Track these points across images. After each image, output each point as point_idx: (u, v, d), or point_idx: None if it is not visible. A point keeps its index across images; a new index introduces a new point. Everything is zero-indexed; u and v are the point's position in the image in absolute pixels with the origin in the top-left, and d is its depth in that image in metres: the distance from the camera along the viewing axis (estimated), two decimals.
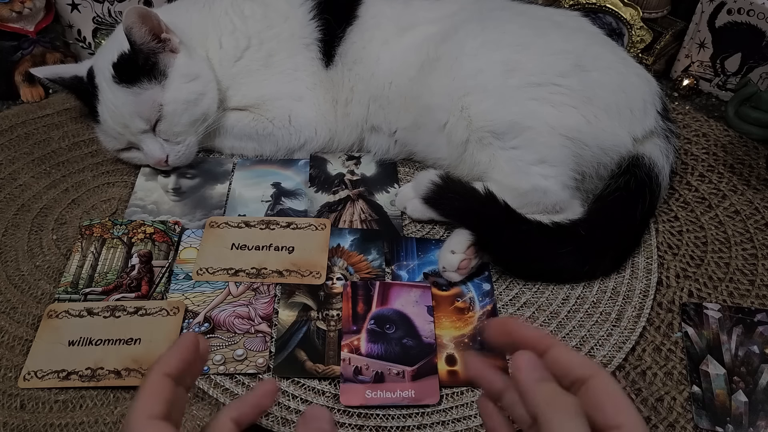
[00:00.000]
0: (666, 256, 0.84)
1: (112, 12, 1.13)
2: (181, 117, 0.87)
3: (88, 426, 0.65)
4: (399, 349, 0.70)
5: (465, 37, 0.85)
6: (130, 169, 0.96)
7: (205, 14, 0.95)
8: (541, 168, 0.80)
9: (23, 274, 0.81)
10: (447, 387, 0.68)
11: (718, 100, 1.12)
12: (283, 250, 0.82)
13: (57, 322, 0.73)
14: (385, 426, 0.65)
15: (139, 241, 0.83)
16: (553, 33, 0.86)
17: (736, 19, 1.05)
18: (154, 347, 0.71)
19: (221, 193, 0.92)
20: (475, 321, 0.74)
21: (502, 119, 0.80)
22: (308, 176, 0.94)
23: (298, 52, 0.94)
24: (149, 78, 0.85)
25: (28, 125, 1.04)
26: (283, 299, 0.76)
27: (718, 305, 0.77)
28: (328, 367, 0.69)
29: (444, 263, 0.77)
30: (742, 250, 0.84)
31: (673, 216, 0.89)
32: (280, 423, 0.65)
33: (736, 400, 0.68)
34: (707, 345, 0.73)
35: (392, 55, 0.91)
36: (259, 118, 0.95)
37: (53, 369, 0.69)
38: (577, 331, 0.74)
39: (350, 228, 0.86)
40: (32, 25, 1.04)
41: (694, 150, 1.00)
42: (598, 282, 0.80)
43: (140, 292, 0.77)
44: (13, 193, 0.92)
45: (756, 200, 0.91)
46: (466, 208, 0.78)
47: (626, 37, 1.12)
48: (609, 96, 0.81)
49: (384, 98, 0.92)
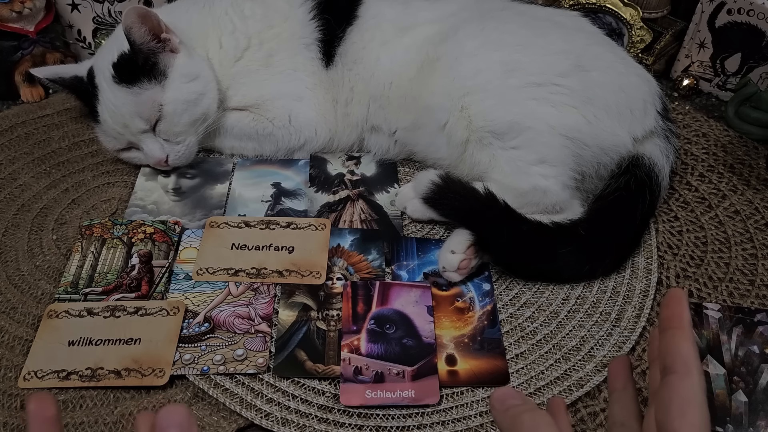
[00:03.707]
0: (666, 256, 0.84)
1: (112, 12, 1.13)
2: (181, 117, 0.87)
3: (88, 426, 0.65)
4: (399, 349, 0.70)
5: (465, 37, 0.85)
6: (130, 169, 0.96)
7: (205, 14, 0.95)
8: (541, 168, 0.80)
9: (23, 274, 0.81)
10: (447, 387, 0.68)
11: (718, 100, 1.12)
12: (283, 250, 0.82)
13: (57, 322, 0.73)
14: (385, 426, 0.65)
15: (139, 241, 0.83)
16: (553, 33, 0.86)
17: (736, 19, 1.05)
18: (154, 347, 0.71)
19: (221, 193, 0.92)
20: (475, 321, 0.74)
21: (502, 119, 0.80)
22: (308, 176, 0.94)
23: (298, 52, 0.94)
24: (149, 78, 0.85)
25: (28, 125, 1.04)
26: (283, 299, 0.76)
27: (718, 305, 0.76)
28: (328, 367, 0.69)
29: (444, 263, 0.77)
30: (742, 250, 0.84)
31: (673, 216, 0.89)
32: (280, 423, 0.65)
33: (736, 400, 0.67)
34: (707, 345, 0.73)
35: (392, 55, 0.91)
36: (259, 118, 0.95)
37: (53, 369, 0.69)
38: (577, 331, 0.74)
39: (350, 228, 0.86)
40: (32, 25, 1.04)
41: (694, 150, 1.00)
42: (598, 282, 0.80)
43: (140, 292, 0.77)
44: (13, 193, 0.92)
45: (756, 200, 0.91)
46: (466, 208, 0.78)
47: (626, 37, 1.12)
48: (609, 96, 0.81)
49: (384, 98, 0.92)
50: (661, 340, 0.40)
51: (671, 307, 0.41)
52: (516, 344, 0.73)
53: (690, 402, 0.36)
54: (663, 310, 0.42)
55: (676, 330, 0.40)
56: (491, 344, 0.72)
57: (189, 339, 0.72)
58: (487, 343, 0.72)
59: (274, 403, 0.67)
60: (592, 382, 0.69)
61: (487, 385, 0.69)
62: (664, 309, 0.42)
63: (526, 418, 0.38)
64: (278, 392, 0.68)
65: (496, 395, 0.41)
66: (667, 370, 0.37)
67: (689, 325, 0.41)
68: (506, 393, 0.41)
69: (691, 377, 0.37)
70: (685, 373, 0.37)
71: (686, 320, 0.41)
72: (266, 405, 0.66)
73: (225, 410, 0.66)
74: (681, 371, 0.37)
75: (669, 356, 0.38)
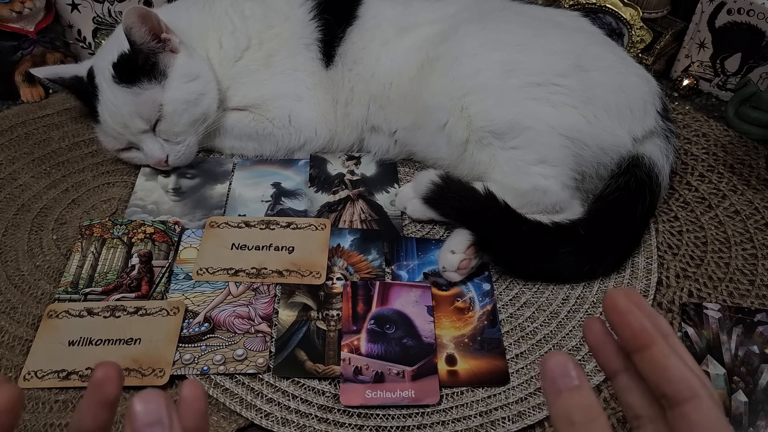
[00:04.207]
0: (666, 256, 0.84)
1: (112, 12, 1.13)
2: (181, 117, 0.87)
3: None
4: (399, 349, 0.70)
5: (465, 37, 0.85)
6: (130, 169, 0.96)
7: (205, 14, 0.95)
8: (541, 168, 0.80)
9: (23, 274, 0.81)
10: (447, 387, 0.68)
11: (718, 100, 1.12)
12: (283, 250, 0.82)
13: (57, 322, 0.73)
14: (385, 426, 0.65)
15: (139, 241, 0.83)
16: (552, 33, 0.86)
17: (736, 19, 1.05)
18: (154, 347, 0.71)
19: (221, 193, 0.92)
20: (475, 321, 0.74)
21: (502, 119, 0.80)
22: (308, 176, 0.94)
23: (298, 53, 0.94)
24: (149, 78, 0.85)
25: (28, 125, 1.04)
26: (283, 299, 0.76)
27: (718, 305, 0.77)
28: (328, 367, 0.69)
29: (444, 263, 0.77)
30: (742, 250, 0.84)
31: (673, 216, 0.89)
32: (280, 423, 0.65)
33: (736, 400, 0.68)
34: (707, 345, 0.73)
35: (392, 55, 0.91)
36: (259, 118, 0.95)
37: (53, 369, 0.69)
38: (577, 331, 0.74)
39: (350, 228, 0.86)
40: (32, 25, 1.04)
41: (694, 150, 1.00)
42: (598, 282, 0.80)
43: (140, 292, 0.77)
44: (13, 193, 0.92)
45: (756, 200, 0.91)
46: (466, 208, 0.78)
47: (626, 37, 1.12)
48: (609, 96, 0.81)
49: (384, 98, 0.92)
50: (641, 365, 0.33)
51: (629, 322, 0.34)
52: (516, 344, 0.73)
53: (715, 428, 0.31)
54: (620, 329, 0.34)
55: (652, 348, 0.33)
56: (491, 344, 0.72)
57: (189, 339, 0.72)
58: (487, 343, 0.72)
59: (274, 403, 0.67)
60: (592, 382, 0.69)
61: (487, 385, 0.69)
62: (620, 328, 0.34)
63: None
64: (278, 392, 0.68)
65: (550, 364, 0.33)
66: (672, 400, 0.32)
67: (663, 334, 0.34)
68: (562, 364, 0.33)
69: (700, 399, 0.31)
70: (694, 397, 0.31)
71: (656, 330, 0.33)
72: (266, 405, 0.66)
73: (225, 410, 0.66)
74: (689, 395, 0.31)
75: (665, 384, 0.32)
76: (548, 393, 0.33)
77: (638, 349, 0.33)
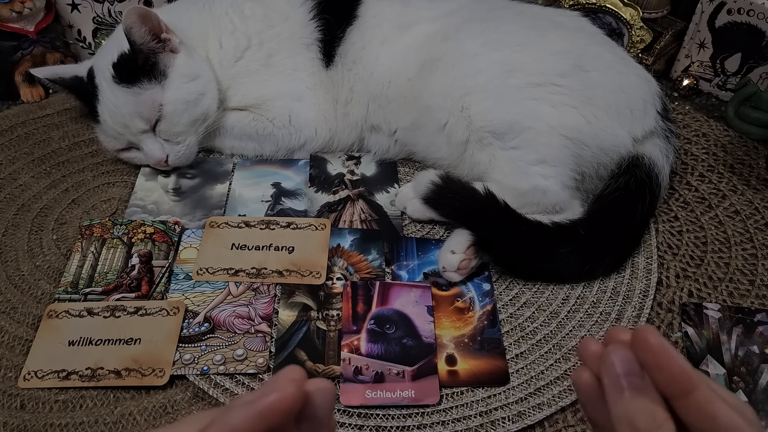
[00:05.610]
0: (666, 256, 0.84)
1: (112, 12, 1.13)
2: (181, 117, 0.87)
3: (88, 426, 0.65)
4: (399, 349, 0.70)
5: (465, 37, 0.85)
6: (130, 169, 0.96)
7: (205, 14, 0.95)
8: (541, 168, 0.80)
9: (23, 274, 0.81)
10: (447, 387, 0.68)
11: (718, 100, 1.12)
12: (283, 250, 0.82)
13: (57, 322, 0.73)
14: (385, 426, 0.65)
15: (139, 241, 0.83)
16: (552, 33, 0.86)
17: (736, 19, 1.05)
18: (154, 347, 0.71)
19: (221, 193, 0.92)
20: (475, 321, 0.74)
21: (502, 119, 0.80)
22: (308, 176, 0.94)
23: (298, 52, 0.94)
24: (149, 78, 0.85)
25: (28, 125, 1.04)
26: (283, 299, 0.76)
27: (718, 305, 0.77)
28: (328, 367, 0.69)
29: (444, 263, 0.77)
30: (742, 250, 0.84)
31: (673, 216, 0.89)
32: None
33: None
34: (707, 345, 0.73)
35: (392, 54, 0.91)
36: (259, 118, 0.95)
37: (53, 369, 0.69)
38: (577, 331, 0.74)
39: (350, 228, 0.86)
40: (32, 25, 1.04)
41: (694, 150, 1.00)
42: (598, 282, 0.80)
43: (140, 292, 0.77)
44: (13, 193, 0.92)
45: (756, 200, 0.91)
46: (466, 208, 0.78)
47: (626, 37, 1.12)
48: (609, 96, 0.81)
49: (383, 98, 0.92)
50: (683, 411, 0.30)
51: (668, 365, 0.30)
52: (516, 344, 0.73)
53: None
54: (656, 372, 0.31)
55: (696, 394, 0.30)
56: (491, 344, 0.72)
57: (189, 339, 0.72)
58: (487, 343, 0.72)
59: None
60: None
61: (487, 385, 0.69)
62: (657, 371, 0.31)
63: None
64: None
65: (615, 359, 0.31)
66: None
67: (701, 378, 0.31)
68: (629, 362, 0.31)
69: None
70: None
71: (696, 372, 0.31)
72: None
73: None
74: None
75: (713, 425, 0.30)
76: (609, 390, 0.31)
77: (679, 396, 0.30)
